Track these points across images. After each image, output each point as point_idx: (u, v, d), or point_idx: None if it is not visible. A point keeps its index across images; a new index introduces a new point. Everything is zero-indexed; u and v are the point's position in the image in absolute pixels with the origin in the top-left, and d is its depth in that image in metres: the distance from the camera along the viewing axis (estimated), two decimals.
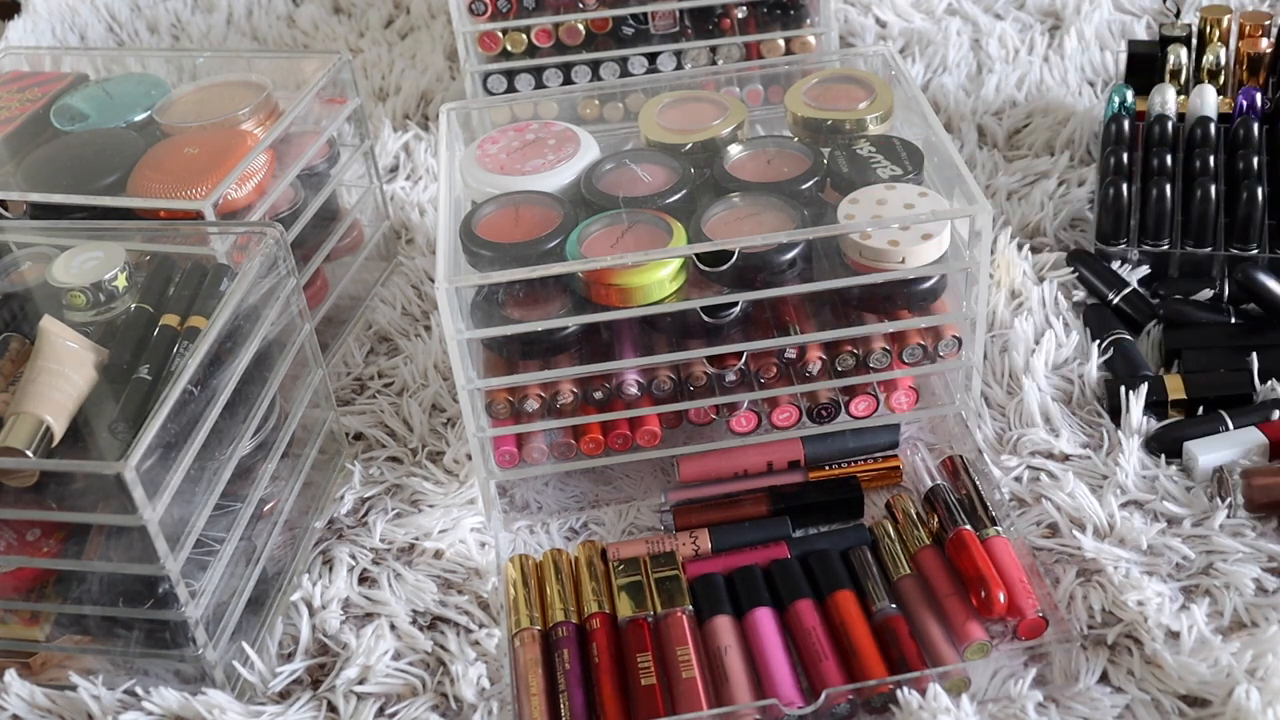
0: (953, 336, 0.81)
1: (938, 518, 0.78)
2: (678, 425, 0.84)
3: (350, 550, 0.83)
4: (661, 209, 0.81)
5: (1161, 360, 0.92)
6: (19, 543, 0.70)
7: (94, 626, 0.74)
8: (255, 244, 0.80)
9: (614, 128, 0.99)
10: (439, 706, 0.73)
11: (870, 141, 0.85)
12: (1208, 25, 1.11)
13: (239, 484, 0.76)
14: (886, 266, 0.78)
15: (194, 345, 0.72)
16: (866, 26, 1.35)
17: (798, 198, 0.81)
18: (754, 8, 1.16)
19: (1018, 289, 0.97)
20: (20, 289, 0.81)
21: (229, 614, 0.75)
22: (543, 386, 0.80)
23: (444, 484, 0.87)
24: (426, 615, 0.79)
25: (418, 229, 1.13)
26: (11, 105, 0.99)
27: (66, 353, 0.73)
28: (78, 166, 0.91)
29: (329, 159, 1.00)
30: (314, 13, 1.48)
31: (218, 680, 0.74)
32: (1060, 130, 1.15)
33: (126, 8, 1.52)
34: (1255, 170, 0.98)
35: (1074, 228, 1.05)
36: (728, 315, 0.79)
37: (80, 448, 0.70)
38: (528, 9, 1.14)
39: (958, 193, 0.80)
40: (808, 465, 0.84)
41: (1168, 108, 1.05)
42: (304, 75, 0.99)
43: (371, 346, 1.01)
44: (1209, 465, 0.81)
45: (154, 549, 0.67)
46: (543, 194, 0.84)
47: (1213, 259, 0.96)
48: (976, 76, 1.25)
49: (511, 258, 0.78)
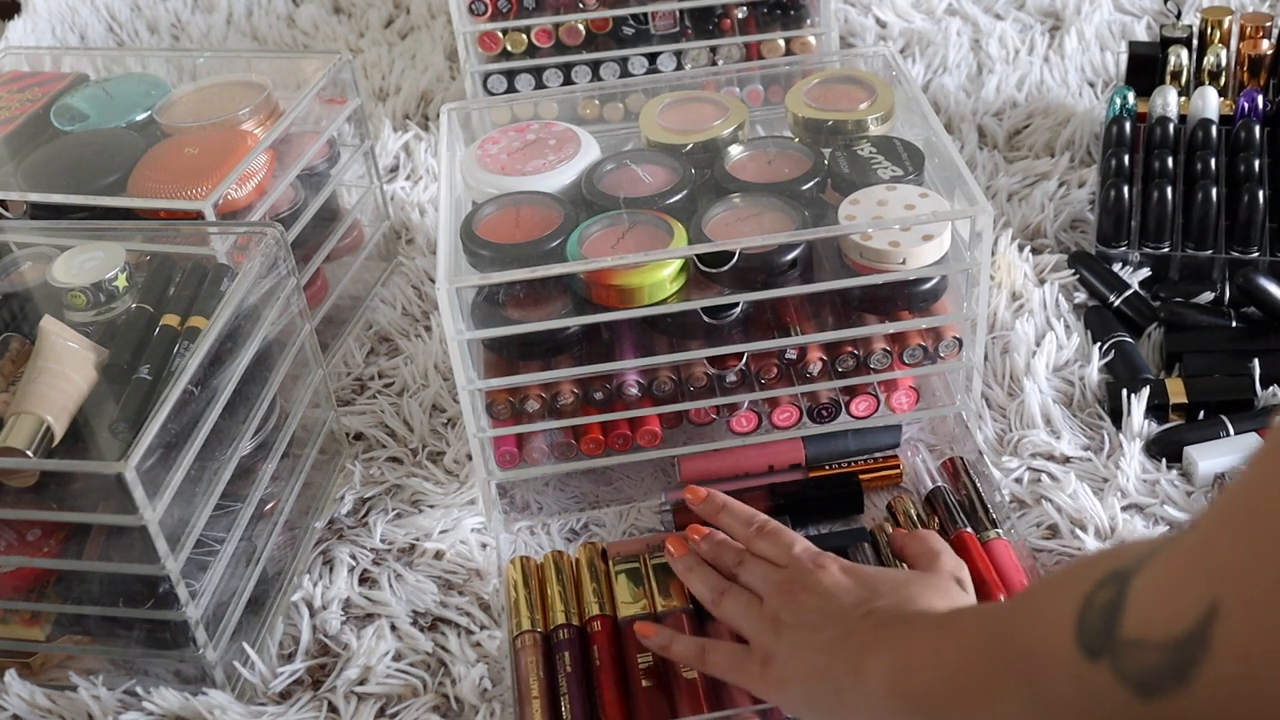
0: (953, 337, 0.81)
1: (938, 519, 0.78)
2: (678, 425, 0.84)
3: (351, 551, 0.83)
4: (662, 209, 0.81)
5: (1162, 363, 0.92)
6: (19, 543, 0.70)
7: (94, 626, 0.74)
8: (255, 244, 0.80)
9: (614, 128, 0.98)
10: (440, 707, 0.73)
11: (871, 142, 0.85)
12: (1208, 26, 1.11)
13: (239, 484, 0.76)
14: (887, 267, 0.78)
15: (194, 345, 0.72)
16: (866, 27, 1.35)
17: (798, 198, 0.81)
18: (754, 8, 1.16)
19: (1019, 290, 0.97)
20: (20, 289, 0.81)
21: (229, 614, 0.74)
22: (543, 387, 0.80)
23: (444, 484, 0.87)
24: (427, 616, 0.79)
25: (418, 229, 1.13)
26: (11, 105, 0.99)
27: (66, 353, 0.73)
28: (78, 166, 0.90)
29: (329, 159, 1.00)
30: (314, 13, 1.48)
31: (218, 680, 0.74)
32: (1061, 131, 1.15)
33: (126, 8, 1.52)
34: (1256, 173, 0.98)
35: (1074, 229, 1.05)
36: (728, 316, 0.79)
37: (80, 448, 0.70)
38: (528, 9, 1.14)
39: (958, 194, 0.80)
40: (808, 466, 0.84)
41: (1169, 110, 1.05)
42: (304, 75, 0.99)
43: (372, 347, 1.01)
44: (1209, 471, 0.81)
45: (154, 549, 0.67)
46: (543, 194, 0.84)
47: (1213, 262, 0.96)
48: (977, 77, 1.25)
49: (512, 258, 0.78)
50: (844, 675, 0.58)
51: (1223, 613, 0.34)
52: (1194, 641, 0.35)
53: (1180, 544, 0.38)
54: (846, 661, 0.58)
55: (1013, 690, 0.45)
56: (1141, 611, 0.38)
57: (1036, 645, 0.44)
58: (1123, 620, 0.38)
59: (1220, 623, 0.34)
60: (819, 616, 0.63)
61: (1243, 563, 0.34)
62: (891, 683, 0.55)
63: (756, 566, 0.69)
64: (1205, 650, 0.34)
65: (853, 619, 0.61)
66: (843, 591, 0.64)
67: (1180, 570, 0.37)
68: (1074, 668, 0.40)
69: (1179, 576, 0.37)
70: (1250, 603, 0.33)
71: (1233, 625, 0.33)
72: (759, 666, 0.64)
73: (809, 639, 0.62)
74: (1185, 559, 0.37)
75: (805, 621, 0.63)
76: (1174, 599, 0.36)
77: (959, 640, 0.52)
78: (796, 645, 0.62)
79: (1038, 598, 0.47)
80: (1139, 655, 0.37)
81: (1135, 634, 0.38)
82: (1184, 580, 0.36)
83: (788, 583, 0.66)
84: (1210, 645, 0.34)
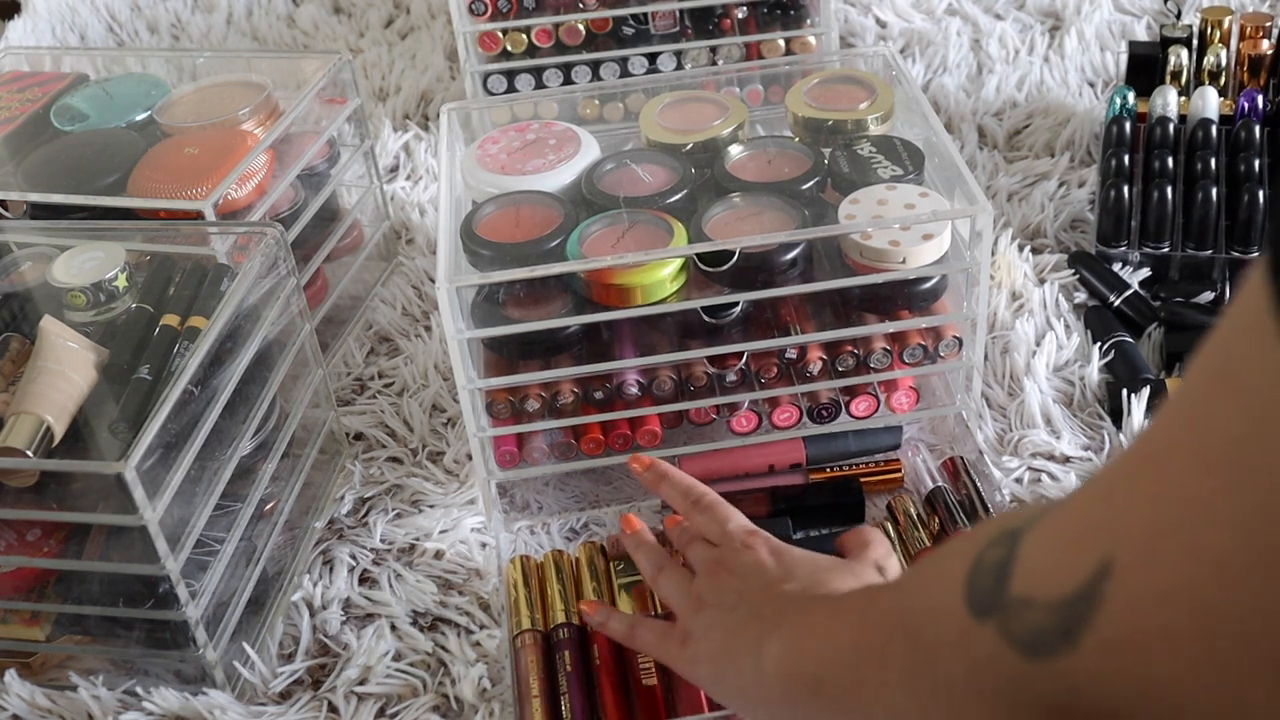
0: (953, 337, 0.81)
1: (938, 519, 0.78)
2: (678, 425, 0.84)
3: (351, 550, 0.83)
4: (662, 209, 0.81)
5: (1162, 363, 0.92)
6: (19, 543, 0.70)
7: (94, 626, 0.74)
8: (255, 244, 0.79)
9: (614, 128, 0.98)
10: (440, 707, 0.73)
11: (871, 142, 0.85)
12: (1208, 26, 1.11)
13: (239, 484, 0.76)
14: (887, 267, 0.78)
15: (194, 345, 0.72)
16: (866, 27, 1.35)
17: (798, 198, 0.81)
18: (754, 8, 1.16)
19: (1019, 290, 0.97)
20: (20, 289, 0.81)
21: (229, 614, 0.74)
22: (543, 386, 0.80)
23: (444, 484, 0.87)
24: (427, 616, 0.78)
25: (418, 229, 1.13)
26: (11, 105, 0.99)
27: (66, 353, 0.73)
28: (78, 166, 0.90)
29: (329, 159, 1.00)
30: (314, 13, 1.48)
31: (218, 680, 0.74)
32: (1061, 131, 1.15)
33: (126, 8, 1.52)
34: (1256, 173, 0.98)
35: (1074, 229, 1.05)
36: (728, 315, 0.79)
37: (80, 448, 0.70)
38: (528, 9, 1.14)
39: (958, 193, 0.80)
40: (809, 467, 0.84)
41: (1169, 110, 1.05)
42: (304, 75, 0.99)
43: (372, 346, 1.01)
44: None
45: (154, 549, 0.67)
46: (543, 194, 0.84)
47: (1214, 262, 0.96)
48: (977, 77, 1.25)
49: (512, 257, 0.78)
50: (745, 656, 0.58)
51: (1115, 571, 0.32)
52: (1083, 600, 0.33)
53: (1074, 501, 0.36)
54: (749, 643, 0.58)
55: (899, 657, 0.44)
56: (1031, 569, 0.36)
57: (925, 610, 0.43)
58: (1011, 579, 0.37)
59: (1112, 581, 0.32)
60: (735, 597, 0.63)
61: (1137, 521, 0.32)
62: (782, 663, 0.54)
63: (697, 546, 0.69)
64: (1095, 609, 0.33)
65: (762, 600, 0.61)
66: (761, 573, 0.64)
67: (1073, 527, 0.35)
68: (961, 629, 0.39)
69: (1071, 534, 0.35)
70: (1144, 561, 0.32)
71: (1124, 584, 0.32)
72: (678, 645, 0.64)
73: (722, 619, 0.62)
74: (1078, 516, 0.36)
75: (722, 601, 0.63)
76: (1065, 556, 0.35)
77: (853, 618, 0.50)
78: (711, 624, 0.62)
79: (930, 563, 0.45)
80: (1026, 614, 0.36)
81: (1023, 592, 0.36)
82: (1076, 537, 0.35)
83: (714, 562, 0.66)
84: (1100, 604, 0.32)
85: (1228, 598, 0.29)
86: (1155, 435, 0.33)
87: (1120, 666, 0.32)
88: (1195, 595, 0.30)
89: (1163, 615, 0.31)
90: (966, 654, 0.39)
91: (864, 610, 0.50)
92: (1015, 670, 0.36)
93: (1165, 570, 0.31)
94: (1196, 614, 0.30)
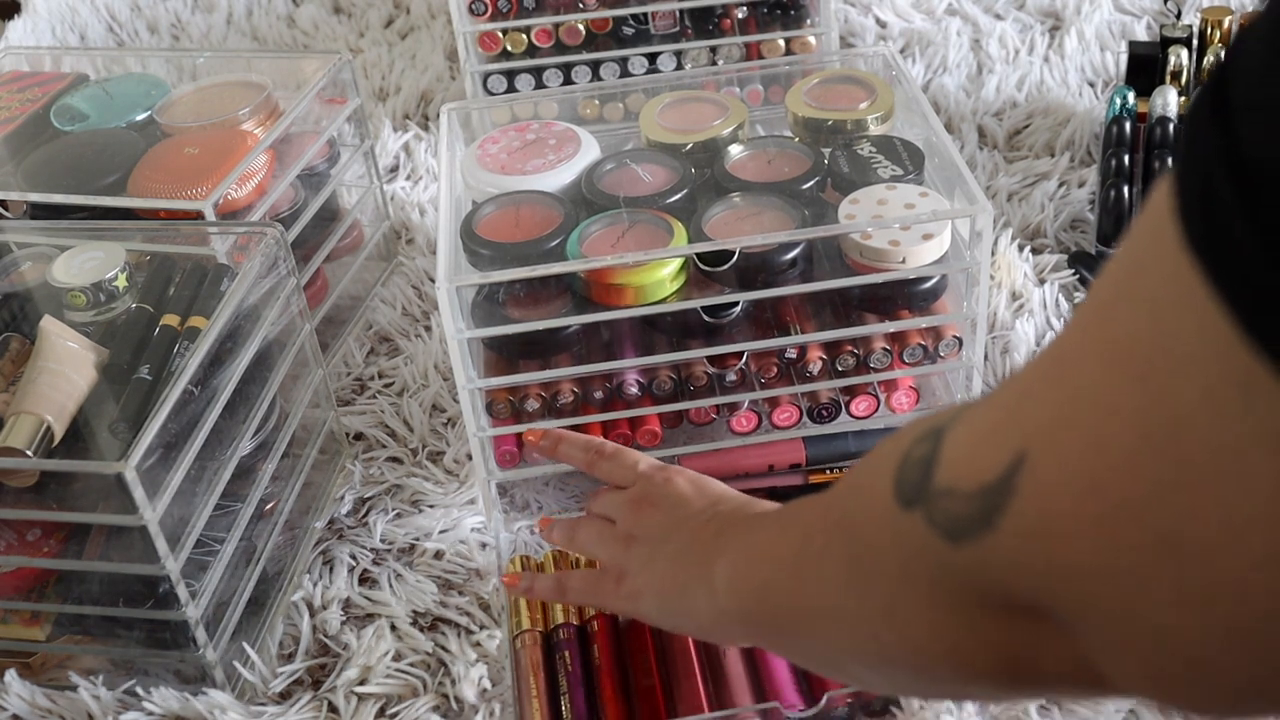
0: (953, 337, 0.81)
1: None
2: (678, 425, 0.84)
3: (351, 550, 0.83)
4: (662, 209, 0.81)
5: None
6: (19, 543, 0.70)
7: (94, 626, 0.74)
8: (255, 244, 0.80)
9: (614, 128, 0.98)
10: (440, 707, 0.73)
11: (871, 142, 0.85)
12: (1208, 26, 1.11)
13: (239, 484, 0.76)
14: (887, 267, 0.78)
15: (194, 345, 0.72)
16: (866, 27, 1.35)
17: (798, 198, 0.81)
18: (754, 8, 1.16)
19: (1019, 290, 0.97)
20: (20, 289, 0.81)
21: (229, 614, 0.74)
22: (543, 386, 0.80)
23: (444, 484, 0.87)
24: (427, 616, 0.78)
25: (418, 229, 1.13)
26: (11, 105, 0.99)
27: (66, 353, 0.73)
28: (78, 166, 0.90)
29: (329, 159, 1.00)
30: (314, 13, 1.48)
31: (218, 680, 0.74)
32: (1061, 131, 1.15)
33: (126, 8, 1.52)
34: None
35: (1074, 229, 1.05)
36: (728, 315, 0.79)
37: (80, 448, 0.70)
38: (528, 9, 1.14)
39: (958, 193, 0.80)
40: (808, 467, 0.84)
41: (1169, 110, 1.05)
42: (304, 75, 0.99)
43: (372, 346, 1.01)
44: None
45: (154, 549, 0.67)
46: (543, 194, 0.84)
47: None
48: (977, 77, 1.25)
49: (512, 257, 0.78)
50: (692, 581, 0.58)
51: (1028, 462, 0.35)
52: (1000, 489, 0.36)
53: (992, 399, 0.39)
54: (693, 568, 0.59)
55: (837, 553, 0.47)
56: (953, 462, 0.39)
57: (859, 507, 0.46)
58: (935, 471, 0.40)
59: (1025, 472, 0.35)
60: (667, 527, 0.63)
61: (1047, 414, 0.35)
62: (731, 581, 0.55)
63: (609, 494, 0.69)
64: (1010, 497, 0.35)
65: (697, 526, 0.62)
66: (685, 503, 0.64)
67: (990, 423, 0.38)
68: (892, 520, 0.42)
69: (990, 429, 0.38)
70: (1051, 452, 0.34)
71: (1036, 474, 0.34)
72: (613, 584, 0.64)
73: (658, 550, 0.62)
74: (997, 412, 0.38)
75: (654, 534, 0.63)
76: (984, 449, 0.37)
77: (793, 525, 0.52)
78: (647, 558, 0.63)
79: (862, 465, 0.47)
80: (949, 503, 0.38)
81: (946, 484, 0.39)
82: (994, 432, 0.37)
83: (635, 499, 0.66)
84: (1015, 492, 0.35)
85: (1125, 485, 0.31)
86: (1067, 336, 0.35)
87: (1033, 552, 0.35)
88: (1096, 483, 0.32)
89: (1067, 502, 0.33)
90: (898, 543, 0.42)
91: (802, 515, 0.52)
92: (942, 557, 0.39)
93: (1070, 460, 0.33)
94: (1098, 501, 0.32)
